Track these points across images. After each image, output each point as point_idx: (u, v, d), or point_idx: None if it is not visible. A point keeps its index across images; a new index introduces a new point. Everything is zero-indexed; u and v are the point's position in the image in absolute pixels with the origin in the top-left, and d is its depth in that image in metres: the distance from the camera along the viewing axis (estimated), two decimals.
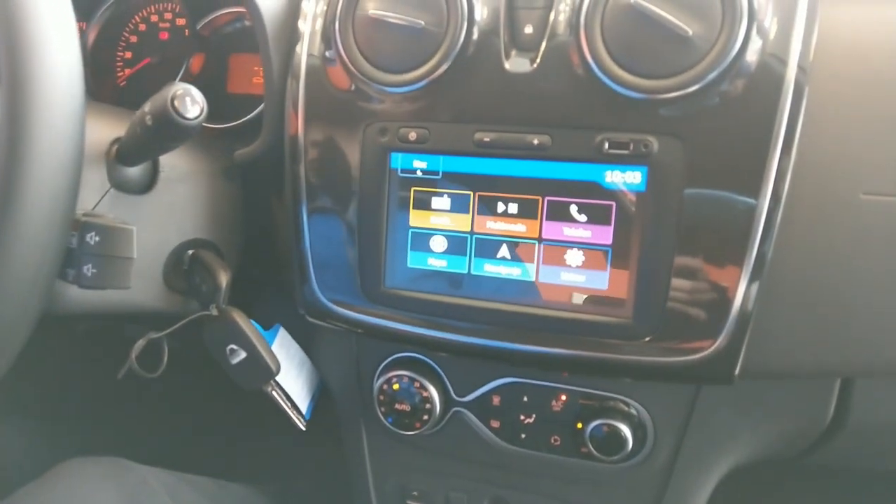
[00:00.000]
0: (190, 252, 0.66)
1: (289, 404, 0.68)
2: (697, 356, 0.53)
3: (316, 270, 0.64)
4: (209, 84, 0.80)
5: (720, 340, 0.53)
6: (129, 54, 0.85)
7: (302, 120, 0.62)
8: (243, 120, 0.75)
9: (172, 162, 0.64)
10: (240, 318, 0.63)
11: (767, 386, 0.60)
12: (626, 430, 0.62)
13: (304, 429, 0.70)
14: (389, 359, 0.70)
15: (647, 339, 0.54)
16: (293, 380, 0.71)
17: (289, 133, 0.63)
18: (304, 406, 0.73)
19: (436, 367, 0.68)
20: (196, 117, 0.52)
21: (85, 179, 0.59)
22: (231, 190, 0.70)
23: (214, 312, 0.63)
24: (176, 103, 0.51)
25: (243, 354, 0.63)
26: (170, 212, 0.65)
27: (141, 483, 0.65)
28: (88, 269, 0.53)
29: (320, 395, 0.77)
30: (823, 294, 0.53)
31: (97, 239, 0.53)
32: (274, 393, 0.66)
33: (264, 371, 0.64)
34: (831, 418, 0.60)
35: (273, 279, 0.71)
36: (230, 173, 0.70)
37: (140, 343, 0.59)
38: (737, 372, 0.54)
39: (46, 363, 1.01)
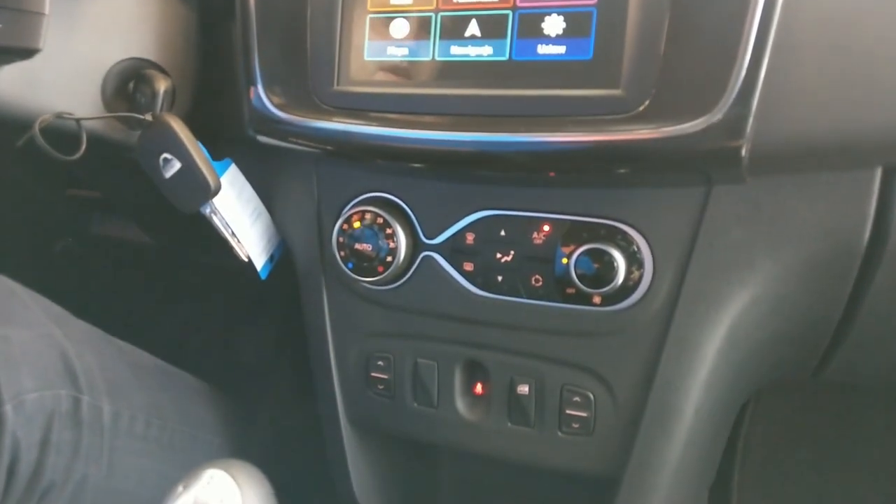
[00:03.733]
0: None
1: (229, 231, 0.59)
2: (699, 122, 0.44)
3: (263, 75, 0.56)
4: None
5: (725, 101, 0.43)
6: None
7: None
8: None
9: None
10: (176, 125, 0.56)
11: (788, 197, 0.50)
12: (618, 256, 0.52)
13: (246, 260, 0.61)
14: (353, 201, 0.62)
15: (641, 108, 0.46)
16: (247, 227, 0.63)
17: None
18: (258, 262, 0.65)
19: (404, 205, 0.60)
20: None
21: None
22: (185, 13, 0.64)
23: (149, 118, 0.56)
24: None
25: (178, 165, 0.55)
26: (112, 22, 0.59)
27: (20, 302, 0.57)
28: None
29: (281, 259, 0.69)
30: (853, 42, 0.43)
31: None
32: (213, 216, 0.58)
33: (202, 186, 0.56)
34: (868, 240, 0.50)
35: (230, 128, 0.64)
36: None
37: (46, 117, 0.52)
38: (744, 152, 0.44)
39: None
